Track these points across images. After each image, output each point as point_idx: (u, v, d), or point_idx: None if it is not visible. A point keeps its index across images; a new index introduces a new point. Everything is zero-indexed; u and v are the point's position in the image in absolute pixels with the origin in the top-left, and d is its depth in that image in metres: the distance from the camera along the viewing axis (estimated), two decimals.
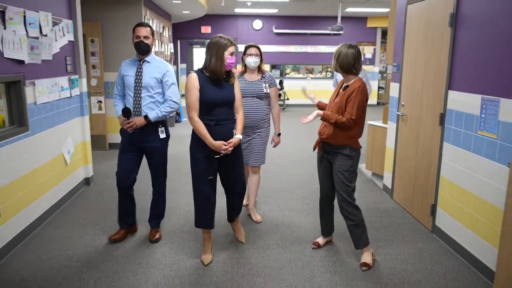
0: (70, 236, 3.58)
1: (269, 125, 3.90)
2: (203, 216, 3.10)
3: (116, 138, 6.76)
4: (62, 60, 4.27)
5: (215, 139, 2.91)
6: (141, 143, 3.33)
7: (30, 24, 3.52)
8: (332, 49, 12.66)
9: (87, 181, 4.94)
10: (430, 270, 3.08)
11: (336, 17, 10.37)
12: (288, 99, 12.75)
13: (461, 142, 3.29)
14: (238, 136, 3.02)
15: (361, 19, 12.64)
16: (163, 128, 3.36)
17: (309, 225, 3.85)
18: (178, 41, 12.50)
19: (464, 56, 3.27)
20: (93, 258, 3.18)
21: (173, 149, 7.03)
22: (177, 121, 9.66)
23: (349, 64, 2.96)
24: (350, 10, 10.88)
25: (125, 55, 6.63)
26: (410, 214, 4.14)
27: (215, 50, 2.90)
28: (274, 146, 3.99)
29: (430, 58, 3.78)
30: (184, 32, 12.27)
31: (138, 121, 3.21)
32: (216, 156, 2.96)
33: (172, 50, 9.79)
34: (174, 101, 3.32)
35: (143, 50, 3.26)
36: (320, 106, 3.26)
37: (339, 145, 3.01)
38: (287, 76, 13.10)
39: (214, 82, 2.96)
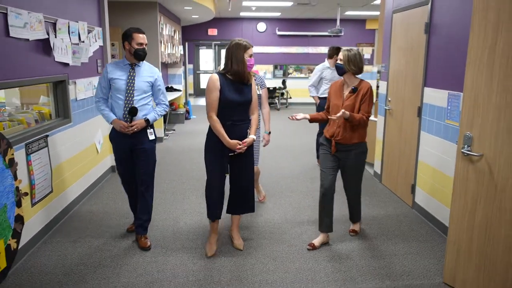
0: (106, 210, 4.26)
1: (259, 126, 4.04)
2: (212, 209, 3.33)
3: None
4: (94, 62, 4.94)
5: (231, 139, 3.09)
6: (133, 145, 3.38)
7: (72, 32, 4.19)
8: None
9: (113, 168, 5.62)
10: (407, 234, 3.74)
11: (336, 19, 11.02)
12: (290, 97, 13.39)
13: (434, 130, 3.94)
14: (252, 136, 3.17)
15: (360, 21, 13.27)
16: (151, 130, 3.43)
17: (307, 202, 4.51)
18: (186, 43, 13.17)
19: (435, 58, 3.92)
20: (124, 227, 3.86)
21: (184, 141, 7.75)
22: (186, 118, 10.34)
23: (362, 67, 3.27)
24: (349, 13, 11.53)
25: None
26: (394, 194, 4.79)
27: (235, 53, 3.04)
28: (265, 145, 4.08)
29: (410, 60, 4.43)
30: (192, 35, 12.94)
31: (140, 124, 3.31)
32: (230, 154, 3.16)
33: (182, 52, 10.47)
34: (167, 105, 3.53)
35: (142, 57, 3.33)
36: (313, 117, 3.46)
37: (354, 143, 3.29)
38: (289, 76, 13.74)
39: (234, 84, 3.10)
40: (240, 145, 3.09)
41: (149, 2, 7.21)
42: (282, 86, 13.20)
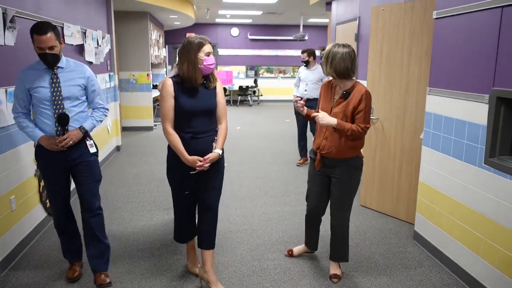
0: (119, 176, 5.62)
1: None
2: (179, 231, 2.92)
3: (127, 122, 8.77)
4: (106, 62, 6.29)
5: (191, 154, 2.58)
6: (72, 162, 2.73)
7: (93, 38, 5.53)
8: (299, 52, 15.02)
9: (118, 148, 6.94)
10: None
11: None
12: (262, 95, 14.94)
13: None
14: (217, 150, 2.64)
15: (322, 27, 14.94)
16: (91, 141, 2.82)
17: (281, 179, 6.00)
18: (166, 46, 14.48)
19: (362, 59, 5.50)
20: (130, 195, 5.23)
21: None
22: None
23: (347, 69, 2.58)
24: (312, 20, 13.16)
25: (136, 58, 8.65)
26: None
27: (186, 53, 2.57)
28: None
29: None
30: (172, 38, 14.24)
31: (75, 135, 2.66)
32: (191, 172, 2.61)
33: (165, 54, 11.81)
34: (106, 108, 2.92)
35: (51, 63, 2.63)
36: (309, 115, 2.83)
37: (345, 158, 2.70)
38: (260, 76, 15.28)
39: (190, 89, 2.60)
40: (200, 161, 2.57)
41: (141, 12, 8.55)
42: (254, 85, 14.71)
